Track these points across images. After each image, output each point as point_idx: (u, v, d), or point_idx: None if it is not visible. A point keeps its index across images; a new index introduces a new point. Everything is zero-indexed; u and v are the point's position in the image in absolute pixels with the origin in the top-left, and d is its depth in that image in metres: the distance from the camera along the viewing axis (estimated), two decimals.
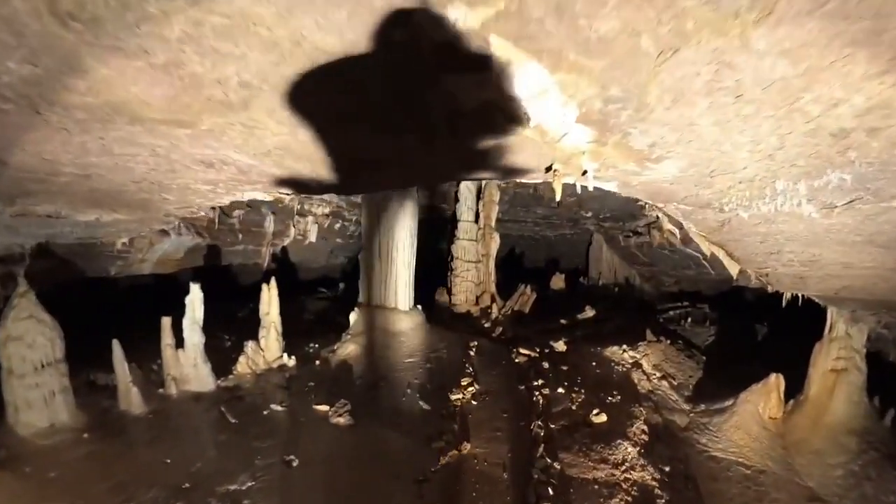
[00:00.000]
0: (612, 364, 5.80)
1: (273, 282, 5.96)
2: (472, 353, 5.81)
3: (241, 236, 8.07)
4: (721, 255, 5.08)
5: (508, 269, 11.54)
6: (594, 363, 5.82)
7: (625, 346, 6.14)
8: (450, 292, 8.68)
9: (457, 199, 8.92)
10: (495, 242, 8.87)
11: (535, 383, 5.15)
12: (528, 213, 10.47)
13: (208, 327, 7.53)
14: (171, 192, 3.10)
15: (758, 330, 9.10)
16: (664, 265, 10.33)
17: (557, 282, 10.88)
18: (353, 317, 6.09)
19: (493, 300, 8.67)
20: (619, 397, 5.03)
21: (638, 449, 4.14)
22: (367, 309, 6.06)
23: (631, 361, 5.90)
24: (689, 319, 9.22)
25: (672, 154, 2.07)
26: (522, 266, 14.12)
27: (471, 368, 5.35)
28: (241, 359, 5.88)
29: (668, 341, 6.96)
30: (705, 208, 2.91)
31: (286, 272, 11.26)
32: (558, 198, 2.53)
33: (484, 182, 8.61)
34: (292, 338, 6.82)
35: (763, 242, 3.93)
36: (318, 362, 5.83)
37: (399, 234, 5.84)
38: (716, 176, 2.25)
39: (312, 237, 8.99)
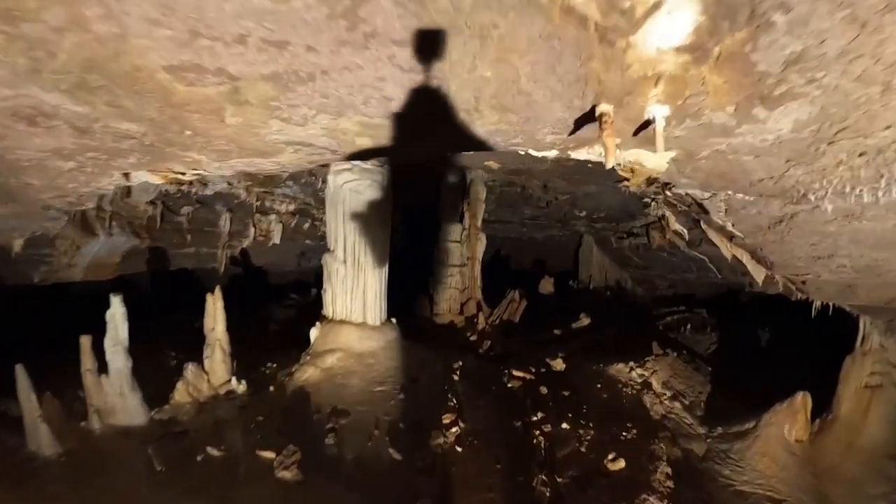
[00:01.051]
0: (620, 385, 5.01)
1: (218, 291, 4.97)
2: (456, 378, 4.90)
3: (190, 237, 7.05)
4: (745, 259, 4.40)
5: (494, 272, 10.80)
6: (599, 385, 5.01)
7: (631, 363, 5.37)
8: (431, 300, 7.80)
9: (439, 197, 8.13)
10: (481, 244, 8.05)
11: (534, 417, 4.26)
12: (516, 213, 9.75)
13: (156, 341, 6.51)
14: (29, 174, 2.16)
15: (760, 335, 8.59)
16: (661, 268, 9.71)
17: (546, 286, 10.24)
18: (313, 333, 5.14)
19: (479, 308, 7.83)
20: (634, 431, 4.23)
21: (665, 502, 3.35)
22: (331, 324, 5.11)
23: (640, 381, 5.13)
24: (689, 326, 8.61)
25: (810, 88, 1.22)
26: (509, 269, 13.52)
27: (454, 400, 4.42)
28: (180, 385, 4.88)
29: (675, 353, 6.27)
30: (775, 198, 2.10)
31: (254, 277, 10.33)
32: (610, 164, 1.55)
33: (469, 178, 7.82)
34: (250, 354, 5.86)
35: (815, 245, 3.19)
36: (272, 388, 4.87)
37: (369, 234, 4.92)
38: (838, 141, 1.44)
39: (276, 238, 8.05)
